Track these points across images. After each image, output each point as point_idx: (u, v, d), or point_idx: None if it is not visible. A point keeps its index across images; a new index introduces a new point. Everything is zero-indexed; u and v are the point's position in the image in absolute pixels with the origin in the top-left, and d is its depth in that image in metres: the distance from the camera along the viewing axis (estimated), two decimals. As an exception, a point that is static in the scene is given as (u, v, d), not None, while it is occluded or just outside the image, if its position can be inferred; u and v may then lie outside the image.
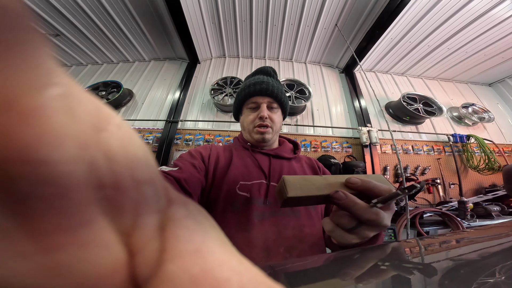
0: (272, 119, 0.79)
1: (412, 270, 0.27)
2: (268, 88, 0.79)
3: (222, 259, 0.08)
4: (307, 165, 0.88)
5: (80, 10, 3.07)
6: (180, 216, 0.10)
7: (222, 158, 0.75)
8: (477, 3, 2.65)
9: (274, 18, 3.18)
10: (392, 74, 4.03)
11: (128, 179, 0.09)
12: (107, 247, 0.07)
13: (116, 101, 3.32)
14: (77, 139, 0.07)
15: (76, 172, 0.07)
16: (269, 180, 0.71)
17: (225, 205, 0.64)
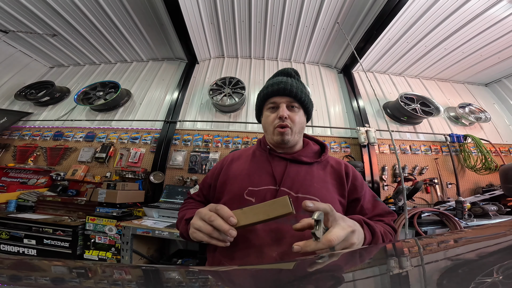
0: (292, 119, 0.78)
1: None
2: (286, 87, 0.78)
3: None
4: (333, 170, 0.81)
5: (77, 10, 3.05)
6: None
7: (235, 167, 0.84)
8: (474, 4, 2.67)
9: (273, 18, 3.18)
10: (389, 74, 4.05)
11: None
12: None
13: (114, 101, 3.31)
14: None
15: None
16: (279, 186, 0.73)
17: (232, 208, 0.71)
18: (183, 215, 0.74)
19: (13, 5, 2.96)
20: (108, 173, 2.90)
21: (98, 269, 0.38)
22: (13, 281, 0.28)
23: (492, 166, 2.84)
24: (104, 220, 2.00)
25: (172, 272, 0.42)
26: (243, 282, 0.33)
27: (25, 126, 3.45)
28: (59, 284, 0.30)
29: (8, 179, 3.03)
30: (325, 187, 0.76)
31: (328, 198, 0.73)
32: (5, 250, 1.99)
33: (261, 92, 0.84)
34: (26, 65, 3.96)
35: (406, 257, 0.39)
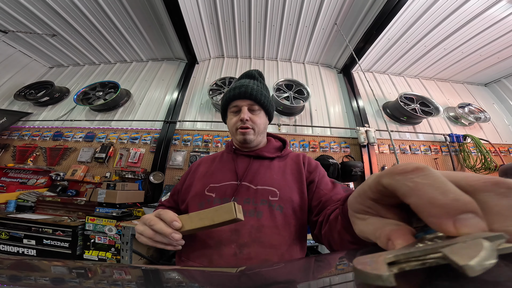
0: (253, 121, 0.83)
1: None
2: (247, 91, 0.82)
3: None
4: (292, 162, 0.87)
5: (77, 10, 3.05)
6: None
7: (201, 170, 0.89)
8: (473, 4, 2.68)
9: (273, 18, 3.19)
10: (389, 74, 4.05)
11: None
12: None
13: (113, 101, 3.30)
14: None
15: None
16: (241, 181, 0.78)
17: (193, 204, 0.77)
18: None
19: (13, 5, 2.96)
20: (108, 173, 2.90)
21: (98, 270, 0.38)
22: (13, 281, 0.28)
23: (492, 166, 2.84)
24: (103, 220, 2.00)
25: (172, 272, 0.42)
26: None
27: (25, 126, 3.44)
28: (59, 285, 0.30)
29: (8, 179, 3.03)
30: (284, 178, 0.80)
31: (286, 187, 0.77)
32: (5, 250, 1.99)
33: (225, 95, 0.88)
34: (25, 65, 3.96)
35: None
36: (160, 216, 0.55)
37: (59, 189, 2.78)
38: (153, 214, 0.58)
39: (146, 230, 0.55)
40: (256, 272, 0.39)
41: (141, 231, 0.56)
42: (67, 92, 3.79)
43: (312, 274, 0.38)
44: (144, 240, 0.56)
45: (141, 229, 0.56)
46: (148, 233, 0.54)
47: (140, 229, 0.56)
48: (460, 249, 0.19)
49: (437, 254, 0.20)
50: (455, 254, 0.18)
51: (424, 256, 0.21)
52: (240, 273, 0.37)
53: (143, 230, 0.55)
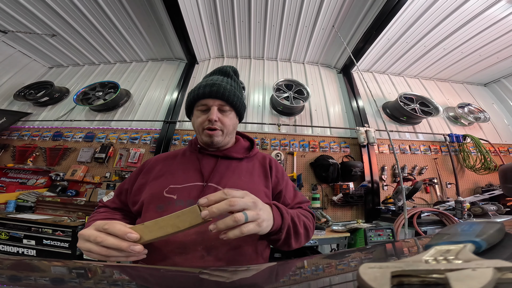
0: (223, 122, 0.78)
1: None
2: (219, 90, 0.77)
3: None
4: (260, 164, 0.86)
5: (77, 10, 3.05)
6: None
7: (158, 169, 0.81)
8: (473, 4, 2.68)
9: (273, 18, 3.19)
10: (389, 74, 4.06)
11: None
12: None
13: (113, 101, 3.30)
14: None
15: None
16: (207, 182, 0.74)
17: (150, 207, 0.70)
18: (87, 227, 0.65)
19: (12, 6, 2.96)
20: (108, 173, 2.90)
21: (98, 270, 0.38)
22: (13, 281, 0.28)
23: (491, 166, 2.85)
24: (103, 221, 2.00)
25: (172, 272, 0.42)
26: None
27: (24, 127, 3.44)
28: (59, 285, 0.30)
29: (7, 179, 3.03)
30: (252, 180, 0.79)
31: (255, 190, 0.73)
32: (5, 250, 1.99)
33: (193, 91, 0.81)
34: (25, 65, 3.96)
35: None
36: (106, 231, 0.46)
37: (59, 189, 2.78)
38: (94, 228, 0.48)
39: (95, 248, 0.46)
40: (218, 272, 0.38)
41: (88, 248, 0.47)
42: (66, 92, 3.79)
43: (275, 277, 0.38)
44: (95, 257, 0.48)
45: (88, 247, 0.47)
46: (99, 251, 0.46)
47: (87, 247, 0.47)
48: (466, 277, 0.19)
49: (440, 275, 0.20)
50: (459, 281, 0.18)
51: (427, 274, 0.21)
52: (201, 274, 0.36)
53: (91, 248, 0.46)
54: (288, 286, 0.34)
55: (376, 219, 2.55)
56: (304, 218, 0.73)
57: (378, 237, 1.97)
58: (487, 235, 0.30)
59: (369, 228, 2.01)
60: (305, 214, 0.77)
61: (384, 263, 0.23)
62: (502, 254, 0.30)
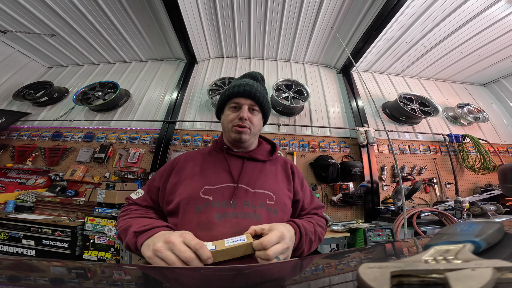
0: (251, 121, 0.83)
1: None
2: (251, 91, 0.83)
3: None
4: (282, 168, 0.91)
5: (76, 10, 3.05)
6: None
7: (188, 168, 0.83)
8: (472, 4, 2.68)
9: (272, 18, 3.19)
10: (388, 75, 4.06)
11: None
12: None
13: (112, 101, 3.30)
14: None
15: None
16: (237, 183, 0.77)
17: (187, 207, 0.73)
18: (129, 225, 0.67)
19: (12, 5, 2.95)
20: (107, 173, 2.90)
21: (98, 270, 0.38)
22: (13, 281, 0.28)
23: (491, 166, 2.85)
24: (103, 221, 2.00)
25: (171, 272, 0.42)
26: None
27: (24, 127, 3.43)
28: (59, 285, 0.30)
29: (7, 179, 3.02)
30: (277, 183, 0.84)
31: (280, 193, 0.80)
32: (4, 250, 1.99)
33: (226, 90, 0.87)
34: (24, 65, 3.95)
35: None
36: (197, 251, 0.51)
37: (58, 189, 2.77)
38: (184, 242, 0.53)
39: (177, 263, 0.50)
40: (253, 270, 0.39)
41: (167, 259, 0.51)
42: (66, 92, 3.78)
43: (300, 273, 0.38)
44: (162, 264, 0.52)
45: (172, 260, 0.50)
46: (177, 265, 0.50)
47: (170, 259, 0.51)
48: (465, 277, 0.19)
49: (439, 275, 0.20)
50: (458, 281, 0.18)
51: (427, 274, 0.21)
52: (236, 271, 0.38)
53: (172, 261, 0.50)
54: (288, 286, 0.34)
55: (376, 219, 2.55)
56: (319, 228, 0.79)
57: (378, 237, 1.97)
58: (486, 235, 0.30)
59: (369, 228, 2.01)
60: (320, 222, 0.83)
61: (383, 263, 0.23)
62: (501, 254, 0.30)
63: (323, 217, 0.89)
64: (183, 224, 0.71)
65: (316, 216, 0.86)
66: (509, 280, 0.19)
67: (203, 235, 0.63)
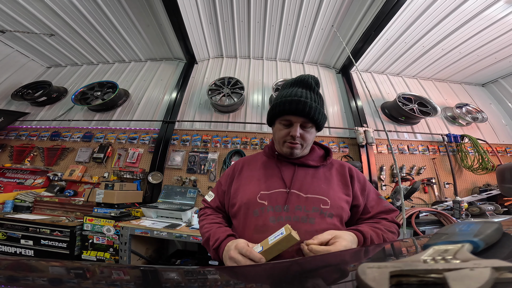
0: (304, 138, 0.81)
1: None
2: (304, 109, 0.77)
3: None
4: (337, 172, 0.88)
5: (75, 10, 3.04)
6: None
7: (246, 174, 0.90)
8: (471, 4, 2.69)
9: (272, 18, 3.19)
10: (387, 75, 4.07)
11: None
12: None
13: (111, 101, 3.29)
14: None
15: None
16: (290, 188, 0.79)
17: (247, 212, 0.79)
18: (209, 234, 0.79)
19: (10, 5, 2.94)
20: (106, 173, 2.89)
21: (97, 270, 0.37)
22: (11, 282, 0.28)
23: (489, 166, 2.86)
24: (102, 221, 1.99)
25: (171, 273, 0.42)
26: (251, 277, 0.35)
27: (22, 126, 3.42)
28: (58, 285, 0.30)
29: (5, 179, 3.01)
30: (332, 188, 0.81)
31: (336, 197, 0.79)
32: (2, 251, 1.98)
33: (277, 106, 0.82)
34: (23, 65, 3.94)
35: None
36: (248, 256, 0.61)
37: (57, 189, 2.77)
38: (240, 252, 0.63)
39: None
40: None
41: (238, 262, 0.63)
42: (64, 92, 3.77)
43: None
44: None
45: (240, 262, 0.63)
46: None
47: (238, 262, 0.63)
48: (464, 277, 0.19)
49: (438, 275, 0.20)
50: (457, 280, 0.18)
51: (426, 274, 0.21)
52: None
53: (240, 262, 0.63)
54: (288, 286, 0.34)
55: (375, 219, 2.55)
56: (389, 235, 0.75)
57: (377, 237, 1.97)
58: (485, 235, 0.30)
59: (368, 228, 2.01)
60: (389, 227, 0.78)
61: (382, 263, 0.23)
62: (499, 254, 0.30)
63: (395, 222, 0.82)
64: (245, 227, 0.78)
65: (386, 222, 0.80)
66: (507, 280, 0.19)
67: (259, 237, 0.67)
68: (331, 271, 0.38)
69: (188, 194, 2.60)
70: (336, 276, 0.35)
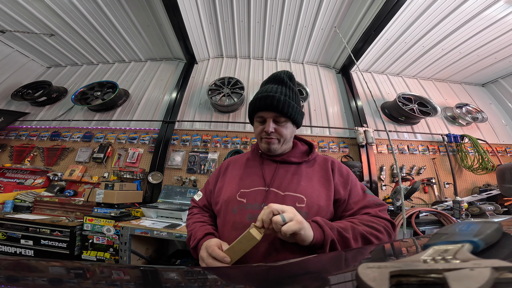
0: (279, 132, 0.82)
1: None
2: (272, 103, 0.78)
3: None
4: (320, 168, 0.86)
5: (75, 10, 3.04)
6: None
7: (230, 173, 0.91)
8: (471, 5, 2.69)
9: (272, 18, 3.19)
10: (387, 75, 4.07)
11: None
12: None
13: (111, 101, 3.29)
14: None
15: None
16: (269, 186, 0.80)
17: (227, 209, 0.80)
18: (191, 233, 0.82)
19: (10, 5, 2.94)
20: (106, 173, 2.89)
21: (97, 270, 0.37)
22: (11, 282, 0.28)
23: (489, 166, 2.86)
24: (102, 221, 1.99)
25: (171, 273, 0.42)
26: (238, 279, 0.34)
27: (22, 126, 3.42)
28: (58, 285, 0.30)
29: (5, 179, 3.01)
30: (312, 185, 0.80)
31: (314, 195, 0.77)
32: (2, 251, 1.98)
33: (251, 104, 0.86)
34: (23, 65, 3.94)
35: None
36: (211, 254, 0.63)
37: (56, 189, 2.77)
38: (205, 252, 0.66)
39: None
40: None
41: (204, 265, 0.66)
42: (64, 92, 3.77)
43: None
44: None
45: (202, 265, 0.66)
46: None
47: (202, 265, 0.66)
48: (464, 277, 0.19)
49: (438, 275, 0.20)
50: (457, 281, 0.18)
51: (426, 274, 0.21)
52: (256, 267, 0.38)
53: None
54: (287, 286, 0.34)
55: (375, 219, 2.55)
56: (365, 228, 0.68)
57: (377, 237, 1.97)
58: (485, 235, 0.30)
59: (368, 228, 2.01)
60: (367, 221, 0.71)
61: (382, 263, 0.23)
62: (499, 254, 0.30)
63: (381, 217, 0.74)
64: (224, 224, 0.79)
65: (366, 216, 0.74)
66: (507, 280, 0.19)
67: (236, 235, 0.67)
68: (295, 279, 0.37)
69: (188, 194, 2.60)
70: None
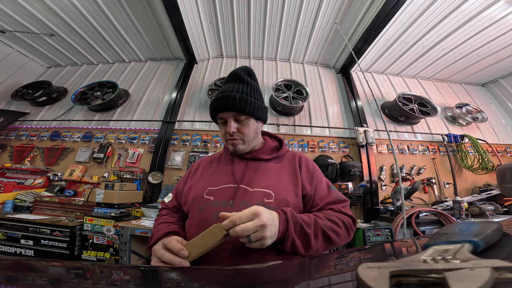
0: (241, 132, 0.81)
1: None
2: (228, 103, 0.77)
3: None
4: (289, 163, 0.87)
5: (75, 10, 3.04)
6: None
7: (200, 172, 0.90)
8: (471, 4, 2.69)
9: (272, 18, 3.19)
10: (387, 75, 4.07)
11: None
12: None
13: (111, 101, 3.29)
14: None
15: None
16: (238, 184, 0.79)
17: (193, 207, 0.78)
18: (153, 233, 0.79)
19: (10, 5, 2.94)
20: (106, 173, 2.89)
21: (97, 270, 0.38)
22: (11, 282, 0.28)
23: (489, 166, 2.86)
24: (102, 221, 1.99)
25: (171, 273, 0.42)
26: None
27: (22, 126, 3.42)
28: (58, 285, 0.30)
29: (5, 179, 3.01)
30: (280, 180, 0.81)
31: (282, 190, 0.77)
32: (2, 251, 1.98)
33: (210, 105, 0.85)
34: (23, 65, 3.93)
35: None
36: (166, 246, 0.60)
37: (56, 189, 2.77)
38: (160, 245, 0.63)
39: (157, 264, 0.61)
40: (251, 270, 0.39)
41: (154, 262, 0.63)
42: (64, 92, 3.77)
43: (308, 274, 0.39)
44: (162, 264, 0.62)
45: (154, 261, 0.62)
46: (161, 264, 0.60)
47: (154, 261, 0.63)
48: (464, 277, 0.19)
49: (438, 275, 0.20)
50: (457, 281, 0.18)
51: (426, 274, 0.21)
52: (237, 271, 0.38)
53: (156, 262, 0.62)
54: (288, 286, 0.34)
55: (375, 219, 2.56)
56: (328, 224, 0.70)
57: (377, 237, 1.98)
58: (485, 235, 0.30)
59: (368, 228, 2.02)
60: (330, 216, 0.73)
61: (382, 263, 0.23)
62: (499, 254, 0.30)
63: (343, 213, 0.76)
64: (190, 222, 0.78)
65: (331, 212, 0.76)
66: (507, 280, 0.19)
67: (200, 232, 0.65)
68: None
69: (188, 194, 2.60)
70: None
